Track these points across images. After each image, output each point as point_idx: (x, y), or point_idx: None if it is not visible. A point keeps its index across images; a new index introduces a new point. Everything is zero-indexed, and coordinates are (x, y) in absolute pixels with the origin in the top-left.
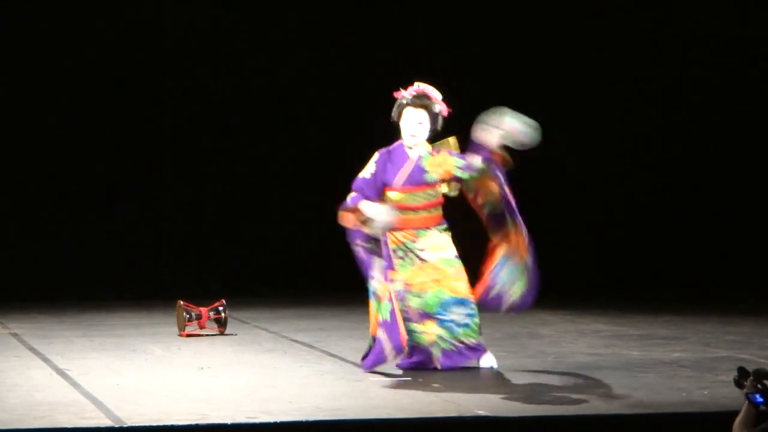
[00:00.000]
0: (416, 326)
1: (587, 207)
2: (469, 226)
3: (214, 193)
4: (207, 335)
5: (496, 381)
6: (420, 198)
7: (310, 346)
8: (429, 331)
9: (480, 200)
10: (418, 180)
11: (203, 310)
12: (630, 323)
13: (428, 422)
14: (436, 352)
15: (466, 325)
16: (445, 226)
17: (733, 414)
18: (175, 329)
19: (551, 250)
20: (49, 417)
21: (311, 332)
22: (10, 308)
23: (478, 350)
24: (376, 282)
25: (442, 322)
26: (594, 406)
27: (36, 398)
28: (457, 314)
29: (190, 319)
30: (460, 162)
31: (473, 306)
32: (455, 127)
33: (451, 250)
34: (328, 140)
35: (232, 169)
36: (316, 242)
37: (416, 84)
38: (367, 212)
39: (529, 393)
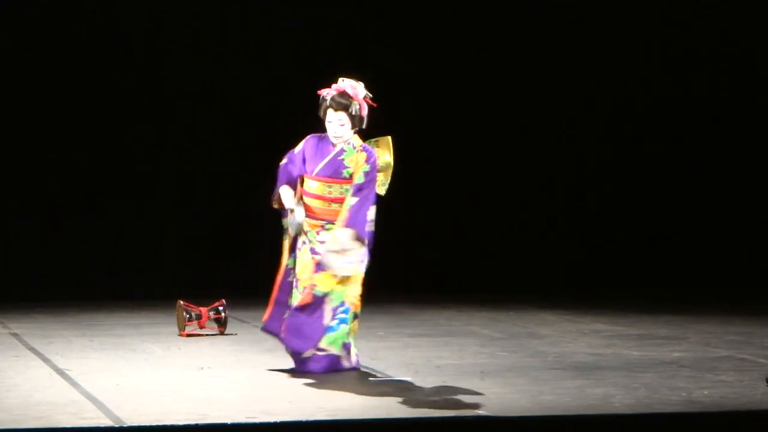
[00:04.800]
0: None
1: (587, 207)
2: None
3: (215, 193)
4: (207, 335)
5: (497, 381)
6: (335, 191)
7: None
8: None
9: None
10: (335, 173)
11: (203, 310)
12: (630, 323)
13: (428, 422)
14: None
15: (331, 329)
16: None
17: (733, 414)
18: (175, 329)
19: (551, 250)
20: (49, 417)
21: None
22: (10, 308)
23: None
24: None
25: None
26: (594, 406)
27: (35, 398)
28: (338, 317)
29: (190, 319)
30: (367, 167)
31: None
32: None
33: None
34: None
35: (232, 169)
36: None
37: (339, 80)
38: (285, 203)
39: (529, 393)
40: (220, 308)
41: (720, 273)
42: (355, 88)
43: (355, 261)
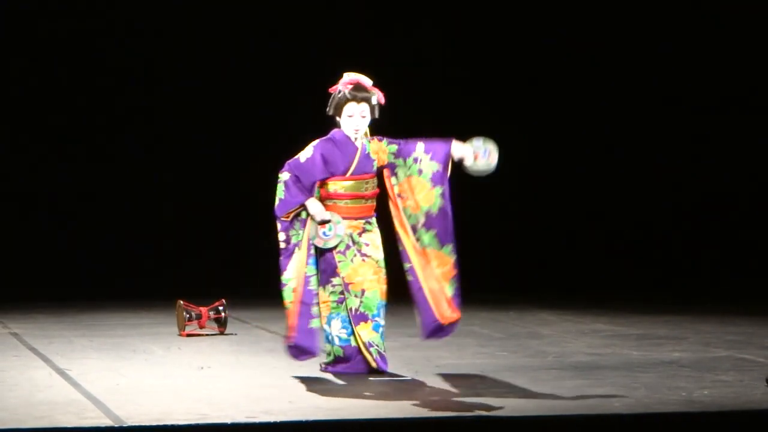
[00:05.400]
0: (347, 330)
1: (587, 207)
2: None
3: (215, 193)
4: (207, 335)
5: (496, 381)
6: (369, 186)
7: None
8: (362, 334)
9: (401, 204)
10: (366, 168)
11: (203, 310)
12: (630, 323)
13: (428, 422)
14: (373, 354)
15: (383, 333)
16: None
17: (734, 414)
18: (175, 329)
19: (551, 250)
20: (49, 417)
21: None
22: (10, 308)
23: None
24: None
25: (376, 326)
26: (594, 406)
27: (36, 398)
28: (383, 320)
29: (190, 319)
30: (393, 147)
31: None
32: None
33: (382, 251)
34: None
35: (232, 168)
36: None
37: (347, 75)
38: (321, 216)
39: (529, 393)
40: (220, 308)
41: (720, 273)
42: (366, 79)
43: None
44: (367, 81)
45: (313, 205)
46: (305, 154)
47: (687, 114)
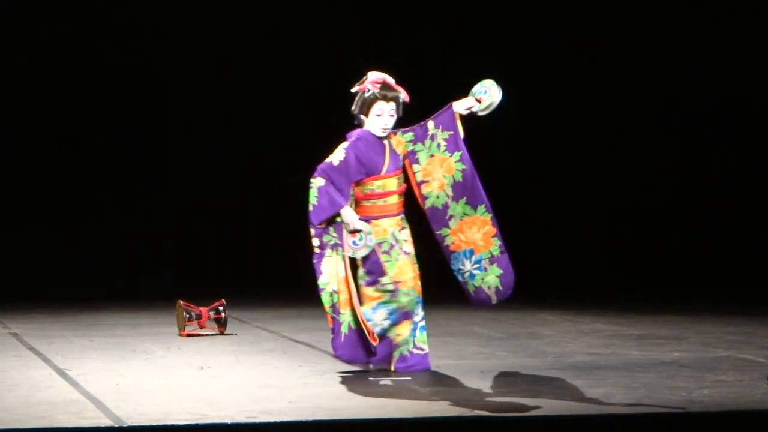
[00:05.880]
0: (390, 321)
1: (587, 207)
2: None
3: (215, 193)
4: (207, 335)
5: (497, 381)
6: (401, 182)
7: (310, 346)
8: (402, 332)
9: (425, 190)
10: (397, 164)
11: (203, 310)
12: (630, 323)
13: (428, 422)
14: (396, 354)
15: (423, 328)
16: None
17: (734, 414)
18: (175, 329)
19: (551, 250)
20: (49, 417)
21: (311, 332)
22: (10, 308)
23: (424, 358)
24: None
25: (414, 324)
26: (594, 406)
27: (36, 398)
28: (420, 316)
29: (190, 319)
30: (409, 135)
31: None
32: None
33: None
34: (328, 140)
35: (232, 168)
36: None
37: (372, 74)
38: (354, 225)
39: (529, 393)
40: (220, 308)
41: (720, 273)
42: (390, 78)
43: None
44: (391, 79)
45: (348, 213)
46: (337, 157)
47: (687, 114)
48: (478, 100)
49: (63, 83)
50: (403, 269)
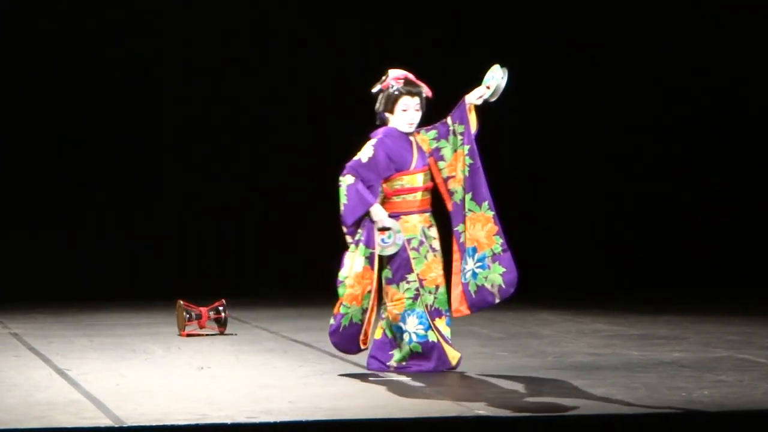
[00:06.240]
0: (424, 326)
1: (588, 207)
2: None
3: (214, 193)
4: (207, 335)
5: (497, 381)
6: (428, 178)
7: (310, 346)
8: (440, 328)
9: (451, 186)
10: (424, 160)
11: (203, 310)
12: (630, 323)
13: (428, 422)
14: (448, 351)
15: (449, 322)
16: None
17: (734, 414)
18: (175, 329)
19: (551, 250)
20: (49, 417)
21: (311, 332)
22: (10, 308)
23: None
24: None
25: (449, 321)
26: (594, 406)
27: (36, 398)
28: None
29: (190, 319)
30: (432, 133)
31: None
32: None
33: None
34: (328, 140)
35: (232, 168)
36: (316, 242)
37: (393, 72)
38: (383, 223)
39: (529, 393)
40: (220, 308)
41: (720, 273)
42: (411, 75)
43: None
44: (412, 75)
45: (377, 210)
46: (366, 154)
47: (687, 114)
48: (488, 87)
49: (63, 83)
50: (430, 267)
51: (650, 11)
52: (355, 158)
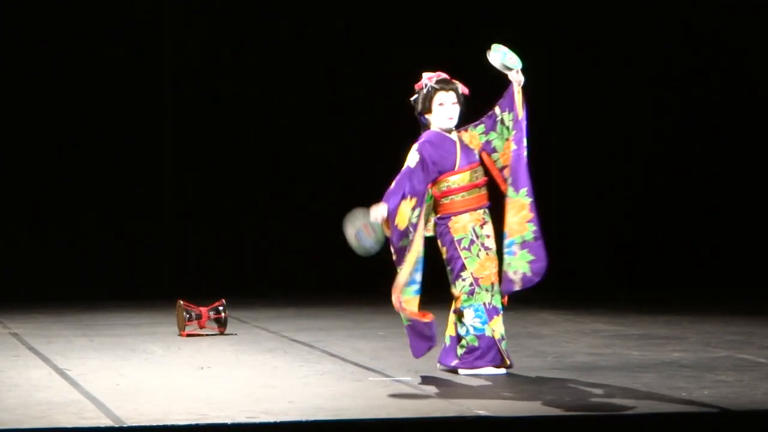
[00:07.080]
0: (481, 319)
1: (588, 207)
2: None
3: (214, 193)
4: (207, 335)
5: (497, 381)
6: (479, 175)
7: (310, 346)
8: (496, 328)
9: (506, 175)
10: (471, 158)
11: (203, 310)
12: (630, 323)
13: (428, 422)
14: (503, 348)
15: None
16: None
17: (734, 414)
18: (175, 329)
19: (552, 249)
20: (49, 417)
21: (311, 332)
22: (10, 308)
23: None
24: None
25: (503, 319)
26: (594, 406)
27: (35, 398)
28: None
29: (190, 319)
30: (480, 128)
31: None
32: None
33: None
34: (327, 140)
35: (232, 168)
36: (316, 242)
37: (426, 74)
38: (373, 217)
39: (529, 393)
40: (220, 308)
41: (720, 273)
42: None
43: None
44: (445, 74)
45: (380, 208)
46: (413, 159)
47: (687, 114)
48: (508, 68)
49: (63, 83)
50: (483, 265)
51: (650, 11)
52: (404, 167)
